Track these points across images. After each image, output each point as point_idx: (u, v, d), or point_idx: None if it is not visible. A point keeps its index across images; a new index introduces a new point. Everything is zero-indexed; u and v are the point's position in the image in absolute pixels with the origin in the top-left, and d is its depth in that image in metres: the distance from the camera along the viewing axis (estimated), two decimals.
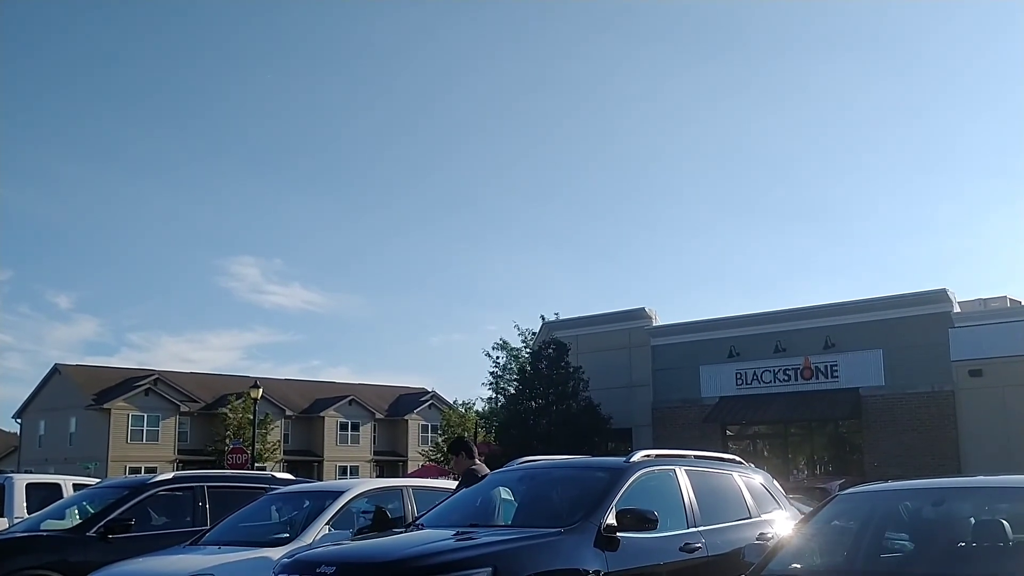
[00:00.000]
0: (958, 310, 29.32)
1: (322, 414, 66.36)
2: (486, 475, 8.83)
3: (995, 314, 29.47)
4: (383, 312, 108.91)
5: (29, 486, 14.32)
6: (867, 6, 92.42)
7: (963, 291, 35.76)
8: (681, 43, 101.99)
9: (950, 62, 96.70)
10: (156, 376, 61.24)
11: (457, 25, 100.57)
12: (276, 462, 56.37)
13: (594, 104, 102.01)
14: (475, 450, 9.84)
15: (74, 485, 14.51)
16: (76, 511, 11.28)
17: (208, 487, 10.81)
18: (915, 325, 29.17)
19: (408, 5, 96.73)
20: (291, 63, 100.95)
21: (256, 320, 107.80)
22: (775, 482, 9.18)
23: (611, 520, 6.77)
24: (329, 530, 8.57)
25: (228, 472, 18.07)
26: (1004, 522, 5.32)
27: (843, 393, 30.21)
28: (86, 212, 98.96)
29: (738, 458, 9.25)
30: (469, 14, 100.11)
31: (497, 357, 45.22)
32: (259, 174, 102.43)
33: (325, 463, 65.09)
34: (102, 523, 9.84)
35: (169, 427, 60.44)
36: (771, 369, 31.72)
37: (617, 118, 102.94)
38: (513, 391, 38.19)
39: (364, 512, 8.90)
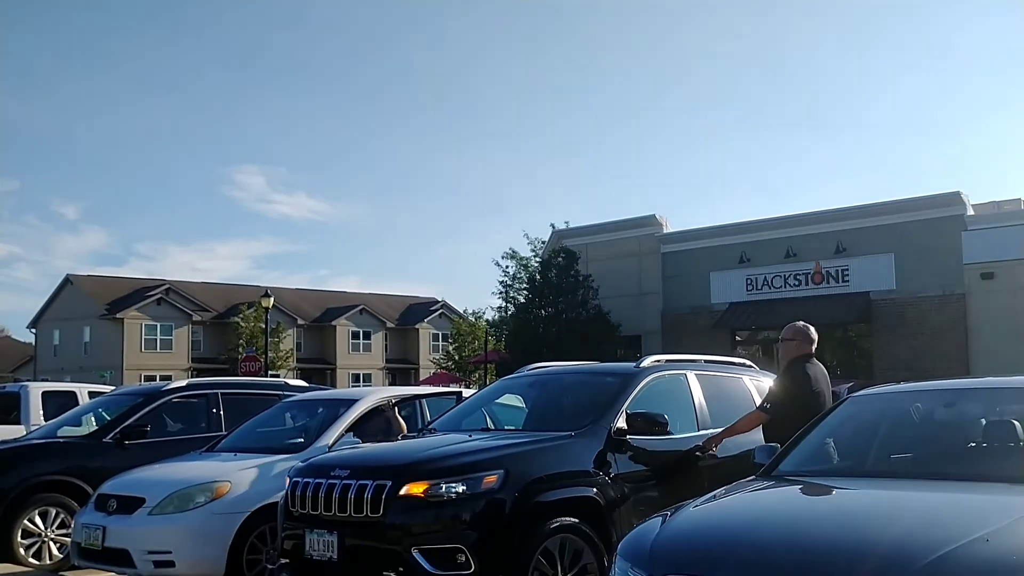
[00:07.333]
0: (971, 213, 29.06)
1: (334, 323, 66.76)
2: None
3: (1009, 216, 29.23)
4: (390, 221, 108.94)
5: (45, 394, 14.49)
6: None
7: (977, 194, 35.41)
8: None
9: None
10: (167, 286, 61.46)
11: None
12: (289, 370, 56.96)
13: (602, 15, 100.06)
14: None
15: (89, 393, 14.63)
16: (92, 418, 11.39)
17: (222, 394, 10.84)
18: (927, 228, 28.96)
19: None
20: None
21: (263, 229, 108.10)
22: None
23: (621, 423, 6.81)
24: (343, 436, 8.63)
25: (242, 379, 18.07)
26: (1015, 422, 5.33)
27: (854, 297, 30.19)
28: (91, 123, 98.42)
29: (748, 362, 9.25)
30: None
31: (507, 266, 45.12)
32: (262, 82, 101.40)
33: (338, 371, 65.74)
34: (118, 429, 9.92)
35: (182, 336, 60.93)
36: (782, 274, 31.67)
37: (624, 29, 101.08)
38: (523, 300, 38.24)
39: (378, 417, 8.97)
